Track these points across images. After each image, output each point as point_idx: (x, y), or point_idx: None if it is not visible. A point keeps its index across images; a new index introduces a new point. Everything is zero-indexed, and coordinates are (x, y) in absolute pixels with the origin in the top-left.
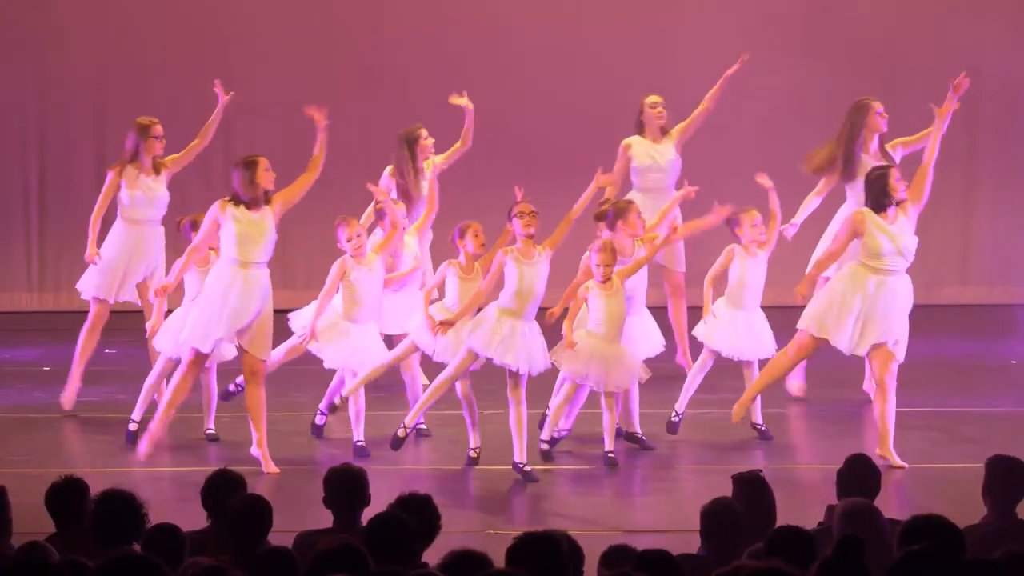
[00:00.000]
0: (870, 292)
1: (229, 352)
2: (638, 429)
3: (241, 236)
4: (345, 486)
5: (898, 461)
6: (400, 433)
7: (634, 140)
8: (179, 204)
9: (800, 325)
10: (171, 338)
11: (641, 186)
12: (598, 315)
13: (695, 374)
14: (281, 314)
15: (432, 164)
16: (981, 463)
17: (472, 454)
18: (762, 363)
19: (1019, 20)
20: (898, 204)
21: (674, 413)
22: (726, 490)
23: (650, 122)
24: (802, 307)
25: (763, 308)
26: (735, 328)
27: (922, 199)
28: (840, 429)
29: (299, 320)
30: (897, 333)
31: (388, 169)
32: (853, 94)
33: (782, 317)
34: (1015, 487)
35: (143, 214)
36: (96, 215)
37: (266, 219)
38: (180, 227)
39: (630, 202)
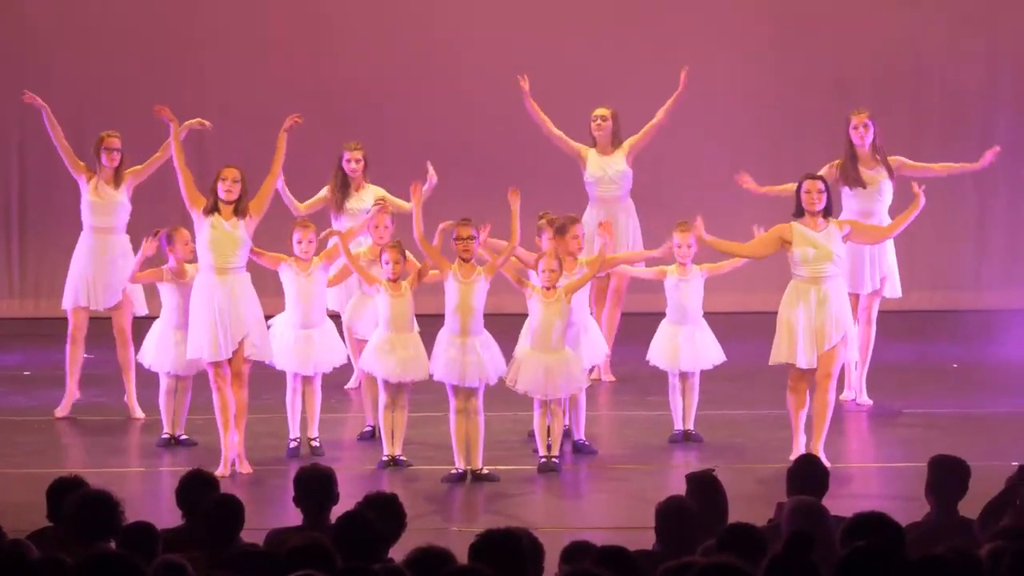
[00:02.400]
0: (812, 304)
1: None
2: (582, 435)
3: (214, 243)
4: (314, 485)
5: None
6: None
7: (589, 152)
8: (161, 215)
9: (771, 362)
10: (163, 354)
11: (594, 197)
12: (535, 323)
13: (670, 394)
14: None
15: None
16: (924, 462)
17: (387, 459)
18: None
19: (966, 23)
20: (823, 215)
21: (674, 432)
22: (680, 489)
23: (594, 135)
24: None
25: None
26: (677, 344)
27: (867, 241)
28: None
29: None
30: (844, 329)
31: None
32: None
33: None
34: (957, 485)
35: (103, 221)
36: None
37: (238, 227)
38: (156, 236)
39: (574, 220)
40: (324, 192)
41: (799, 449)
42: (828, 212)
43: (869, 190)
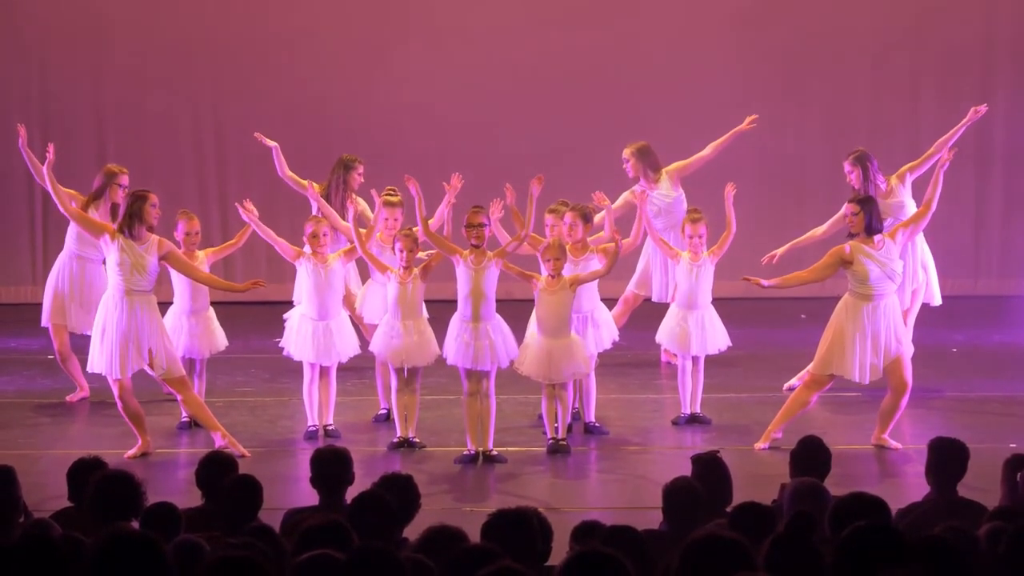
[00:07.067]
0: (866, 321)
1: (222, 343)
2: (592, 418)
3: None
4: (330, 467)
5: (893, 444)
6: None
7: (640, 188)
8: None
9: (813, 371)
10: (175, 339)
11: (658, 228)
12: (540, 311)
13: (680, 377)
14: (276, 306)
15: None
16: (925, 444)
17: (398, 440)
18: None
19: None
20: (876, 233)
21: (681, 414)
22: (686, 470)
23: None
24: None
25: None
26: (687, 328)
27: (918, 229)
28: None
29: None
30: (901, 341)
31: (317, 186)
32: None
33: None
34: (956, 466)
35: (89, 253)
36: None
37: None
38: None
39: (588, 211)
40: (314, 187)
41: (772, 435)
42: (876, 229)
43: (889, 219)
